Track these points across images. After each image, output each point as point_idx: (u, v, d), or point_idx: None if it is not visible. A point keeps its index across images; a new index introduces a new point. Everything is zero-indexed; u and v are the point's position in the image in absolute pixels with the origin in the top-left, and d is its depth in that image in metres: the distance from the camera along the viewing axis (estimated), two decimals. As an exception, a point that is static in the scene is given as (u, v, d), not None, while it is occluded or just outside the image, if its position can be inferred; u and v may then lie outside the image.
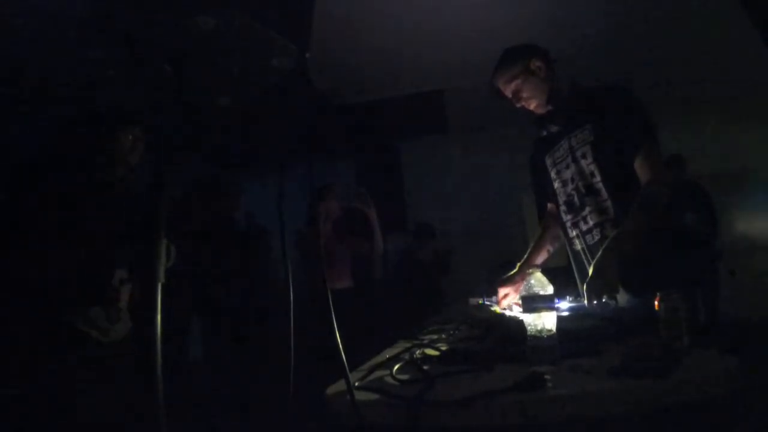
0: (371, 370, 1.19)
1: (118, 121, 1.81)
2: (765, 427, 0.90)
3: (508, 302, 1.80)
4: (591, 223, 1.63)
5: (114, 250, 1.68)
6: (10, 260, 1.60)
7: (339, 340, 0.97)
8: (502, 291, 1.82)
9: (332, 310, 0.97)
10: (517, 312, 1.55)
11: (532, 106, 1.74)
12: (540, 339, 1.06)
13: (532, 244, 1.97)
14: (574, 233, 1.71)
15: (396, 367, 1.15)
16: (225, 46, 0.95)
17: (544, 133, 1.79)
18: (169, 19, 0.89)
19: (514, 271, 1.87)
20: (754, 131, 4.72)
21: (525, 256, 1.94)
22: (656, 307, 1.13)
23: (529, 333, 1.08)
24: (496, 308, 1.78)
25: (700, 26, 3.43)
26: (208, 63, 0.97)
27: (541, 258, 1.93)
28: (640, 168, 1.52)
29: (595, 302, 1.34)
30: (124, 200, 1.80)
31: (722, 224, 3.80)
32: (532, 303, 1.09)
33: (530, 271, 1.21)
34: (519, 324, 1.17)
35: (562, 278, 1.58)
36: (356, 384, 1.02)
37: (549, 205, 1.92)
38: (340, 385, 1.01)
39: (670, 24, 3.42)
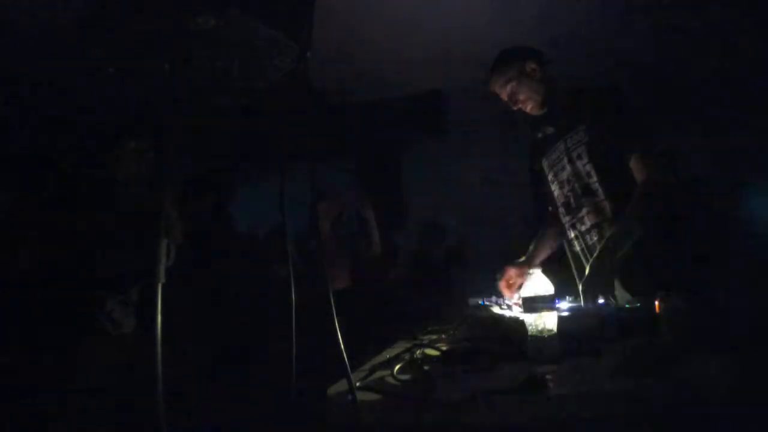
0: (372, 370, 1.19)
1: (121, 132, 1.87)
2: (765, 427, 0.90)
3: (513, 291, 1.77)
4: (589, 224, 1.63)
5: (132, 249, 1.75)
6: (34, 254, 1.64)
7: (340, 340, 0.97)
8: (508, 273, 1.79)
9: (333, 310, 0.97)
10: (517, 312, 1.55)
11: (528, 108, 1.73)
12: (540, 339, 1.06)
13: (534, 241, 1.95)
14: (573, 234, 1.71)
15: (397, 367, 1.15)
16: (225, 46, 0.95)
17: (540, 135, 1.79)
18: (168, 18, 0.88)
19: (522, 259, 1.85)
20: (754, 131, 4.72)
21: (529, 251, 1.91)
22: (656, 307, 1.13)
23: (529, 333, 1.08)
24: (496, 308, 1.78)
25: (698, 25, 3.44)
26: (208, 62, 0.97)
27: (544, 254, 1.91)
28: (635, 168, 1.53)
29: (591, 303, 1.34)
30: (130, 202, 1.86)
31: (721, 224, 3.79)
32: (532, 303, 1.09)
33: (531, 271, 1.21)
34: (519, 324, 1.17)
35: (562, 278, 1.58)
36: (357, 384, 1.02)
37: (549, 209, 1.92)
38: (341, 385, 1.01)
39: (669, 23, 3.42)
